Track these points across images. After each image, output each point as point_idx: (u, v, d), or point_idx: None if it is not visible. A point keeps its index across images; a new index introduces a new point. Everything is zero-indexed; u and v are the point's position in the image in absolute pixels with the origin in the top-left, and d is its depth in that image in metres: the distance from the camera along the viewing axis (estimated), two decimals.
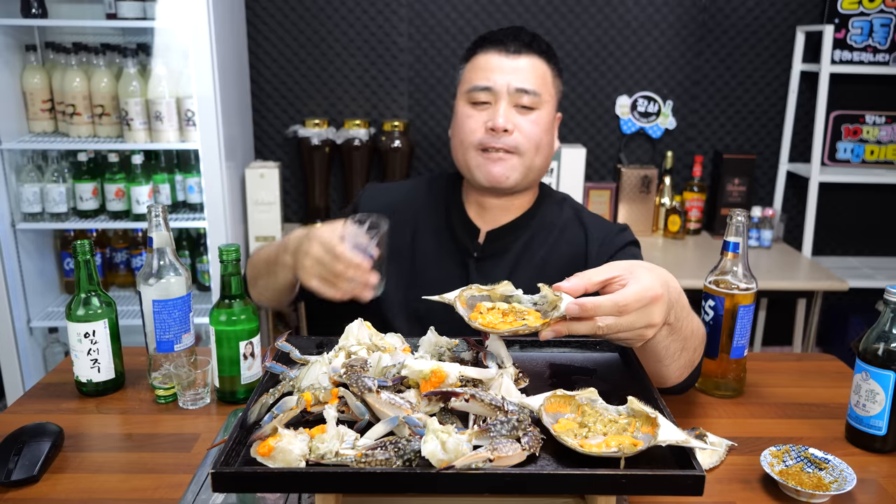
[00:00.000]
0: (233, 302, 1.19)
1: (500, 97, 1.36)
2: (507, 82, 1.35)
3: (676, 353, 1.07)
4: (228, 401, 1.23)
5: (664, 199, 3.06)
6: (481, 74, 1.37)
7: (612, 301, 0.89)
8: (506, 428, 0.79)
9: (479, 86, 1.37)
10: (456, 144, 1.42)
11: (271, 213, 2.74)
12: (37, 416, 1.17)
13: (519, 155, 1.37)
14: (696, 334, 1.11)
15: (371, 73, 3.02)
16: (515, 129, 1.35)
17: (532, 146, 1.37)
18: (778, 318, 3.25)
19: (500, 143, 1.35)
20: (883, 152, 3.12)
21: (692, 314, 1.09)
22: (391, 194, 1.54)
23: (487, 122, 1.36)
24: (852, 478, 0.99)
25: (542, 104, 1.38)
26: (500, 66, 1.37)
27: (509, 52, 1.37)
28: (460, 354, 1.01)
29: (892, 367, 1.07)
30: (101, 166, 2.65)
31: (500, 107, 1.35)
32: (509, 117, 1.35)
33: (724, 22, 3.02)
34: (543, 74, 1.39)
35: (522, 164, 1.38)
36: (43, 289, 2.78)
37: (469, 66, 1.42)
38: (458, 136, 1.41)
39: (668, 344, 1.04)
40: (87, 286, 1.22)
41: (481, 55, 1.40)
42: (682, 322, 1.03)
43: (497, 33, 1.40)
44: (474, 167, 1.39)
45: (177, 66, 2.56)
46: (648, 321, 0.92)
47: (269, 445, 0.78)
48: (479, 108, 1.38)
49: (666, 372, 1.10)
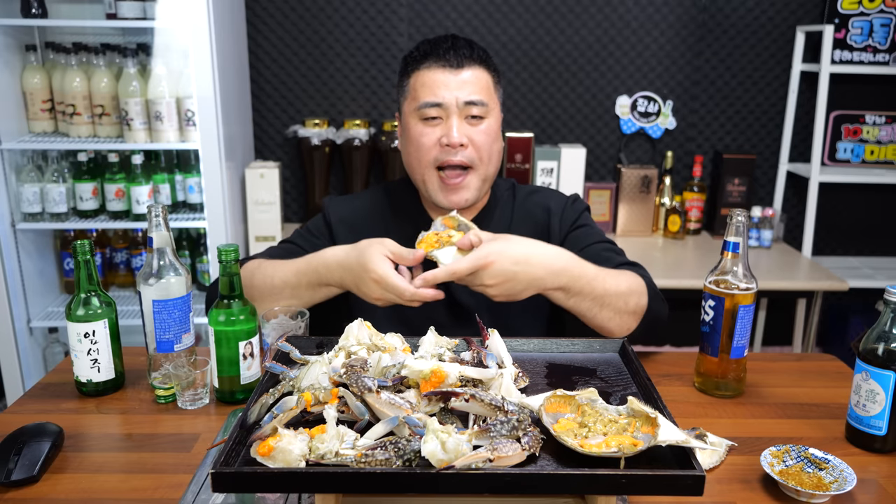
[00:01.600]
0: (232, 302, 1.19)
1: (450, 112, 1.39)
2: (455, 97, 1.38)
3: (594, 310, 1.29)
4: (228, 401, 1.22)
5: (664, 199, 3.06)
6: (428, 91, 1.39)
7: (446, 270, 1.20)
8: (506, 428, 0.79)
9: (429, 102, 1.39)
10: (412, 162, 1.45)
11: (271, 213, 2.74)
12: (37, 416, 1.17)
13: (474, 169, 1.41)
14: (614, 293, 1.29)
15: (371, 73, 3.02)
16: (469, 142, 1.39)
17: (485, 157, 1.42)
18: (778, 318, 3.25)
19: (456, 158, 1.39)
20: (883, 152, 3.12)
21: (599, 275, 1.29)
22: (355, 205, 1.57)
23: (442, 138, 1.39)
24: (852, 478, 0.99)
25: (490, 112, 1.42)
26: (445, 81, 1.39)
27: (452, 67, 1.39)
28: (460, 354, 1.01)
29: (892, 367, 1.07)
30: (101, 166, 2.65)
31: (452, 122, 1.39)
32: (462, 131, 1.39)
33: (724, 22, 3.02)
34: (487, 83, 1.42)
35: (478, 178, 1.43)
36: (43, 289, 2.78)
37: (412, 81, 1.43)
38: (413, 153, 1.44)
39: (575, 303, 1.28)
40: (87, 286, 1.22)
41: (424, 71, 1.41)
42: (581, 286, 1.26)
43: (435, 47, 1.42)
44: (433, 190, 1.44)
45: (177, 66, 2.56)
46: (481, 282, 1.20)
47: (269, 445, 0.78)
48: (430, 123, 1.40)
49: (597, 323, 1.31)
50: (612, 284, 1.30)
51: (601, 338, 1.13)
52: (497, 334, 1.03)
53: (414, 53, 1.45)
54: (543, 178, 2.93)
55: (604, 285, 1.28)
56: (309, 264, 1.34)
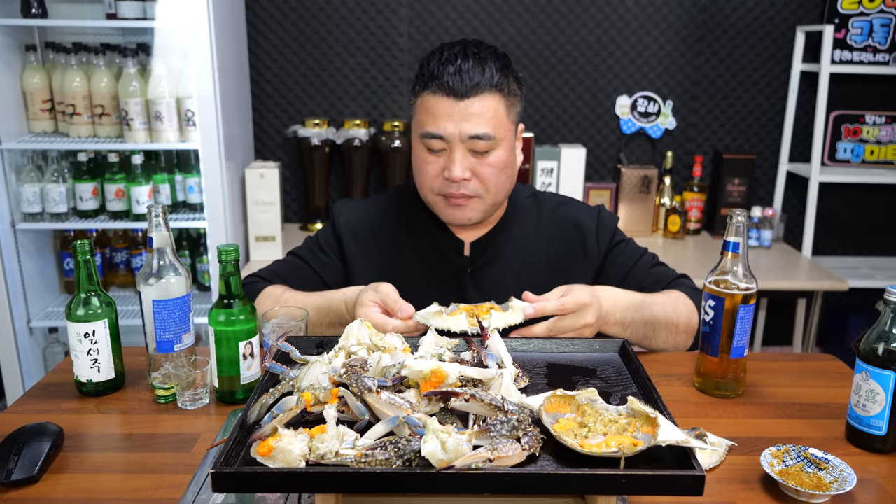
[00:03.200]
0: (232, 302, 1.19)
1: (454, 146, 1.32)
2: (458, 131, 1.30)
3: (649, 335, 1.37)
4: (227, 401, 1.22)
5: (664, 199, 3.06)
6: (431, 121, 1.31)
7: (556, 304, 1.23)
8: (506, 428, 0.79)
9: (431, 132, 1.32)
10: (418, 183, 1.41)
11: (271, 213, 2.73)
12: (37, 416, 1.17)
13: (479, 198, 1.36)
14: (664, 316, 1.36)
15: (371, 73, 3.02)
16: (473, 175, 1.33)
17: (492, 188, 1.36)
18: (778, 318, 3.25)
19: (458, 191, 1.34)
20: (883, 152, 3.12)
21: (647, 302, 1.35)
22: (367, 212, 1.52)
23: (444, 171, 1.34)
24: (852, 478, 0.99)
25: (499, 143, 1.33)
26: (448, 112, 1.30)
27: (457, 97, 1.29)
28: (460, 354, 1.01)
29: (893, 367, 1.07)
30: (101, 166, 2.65)
31: (455, 156, 1.32)
32: (465, 165, 1.32)
33: (724, 22, 3.02)
34: (496, 113, 1.32)
35: (484, 204, 1.38)
36: (43, 289, 2.78)
37: (419, 105, 1.35)
38: (418, 177, 1.40)
39: (631, 332, 1.35)
40: (87, 286, 1.22)
41: (430, 96, 1.32)
42: (634, 315, 1.33)
43: (443, 68, 1.30)
44: (437, 210, 1.41)
45: (177, 66, 2.56)
46: (584, 322, 1.25)
47: (269, 445, 0.78)
48: (434, 153, 1.35)
49: (654, 347, 1.41)
50: (660, 308, 1.36)
51: (601, 338, 1.14)
52: (497, 334, 1.03)
53: (424, 69, 1.34)
54: (543, 178, 2.93)
55: (652, 311, 1.35)
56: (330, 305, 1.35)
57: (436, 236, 1.46)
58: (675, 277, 1.48)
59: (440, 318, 1.18)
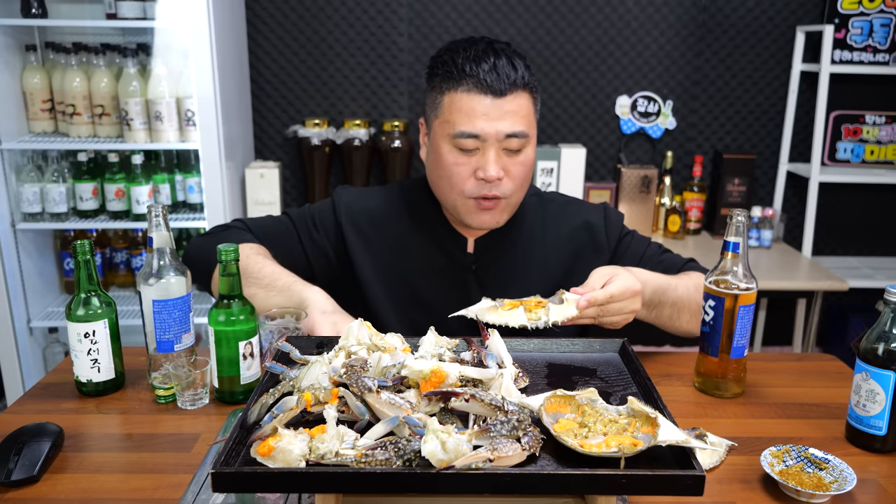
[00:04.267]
0: (231, 302, 1.19)
1: (489, 145, 1.29)
2: (496, 130, 1.28)
3: (674, 316, 1.37)
4: (227, 401, 1.22)
5: (664, 199, 3.06)
6: (466, 120, 1.28)
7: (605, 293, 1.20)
8: (506, 428, 0.79)
9: (466, 132, 1.28)
10: (441, 186, 1.36)
11: (271, 213, 2.73)
12: (37, 416, 1.17)
13: (506, 199, 1.35)
14: (687, 296, 1.37)
15: (371, 73, 3.02)
16: (506, 174, 1.32)
17: (519, 188, 1.36)
18: (778, 318, 3.25)
19: (491, 192, 1.32)
20: (883, 152, 3.12)
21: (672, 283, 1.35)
22: (370, 201, 1.49)
23: (478, 171, 1.30)
24: (852, 478, 0.99)
25: (529, 142, 1.33)
26: (485, 111, 1.27)
27: (494, 95, 1.27)
28: (460, 354, 1.01)
29: (893, 367, 1.07)
30: (101, 166, 2.65)
31: (489, 156, 1.29)
32: (500, 164, 1.30)
33: (724, 22, 3.02)
34: (529, 111, 1.32)
35: (510, 205, 1.37)
36: (43, 289, 2.78)
37: (447, 102, 1.31)
38: (444, 179, 1.34)
39: (657, 314, 1.35)
40: (87, 286, 1.22)
41: (463, 95, 1.28)
42: (659, 297, 1.32)
43: (476, 66, 1.28)
44: (464, 214, 1.36)
45: (177, 66, 2.56)
46: (632, 308, 1.24)
47: (269, 445, 0.78)
48: (465, 153, 1.31)
49: (677, 328, 1.40)
50: (684, 290, 1.36)
51: (601, 338, 1.13)
52: (497, 334, 1.03)
53: (450, 67, 1.30)
54: (543, 178, 2.93)
55: (677, 292, 1.35)
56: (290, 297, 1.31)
57: (438, 231, 1.45)
58: (685, 262, 1.49)
59: (495, 313, 1.15)
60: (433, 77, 1.34)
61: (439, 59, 1.33)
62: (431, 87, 1.35)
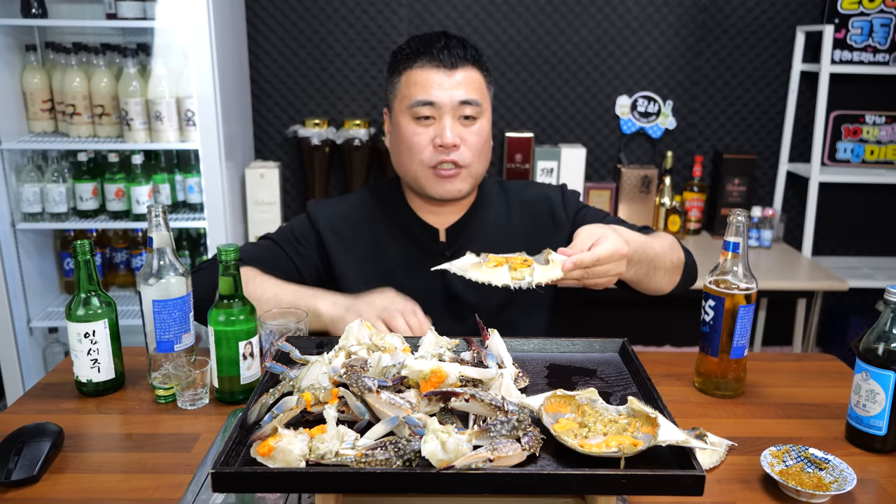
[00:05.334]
0: (232, 302, 1.19)
1: (444, 112, 1.39)
2: (449, 95, 1.38)
3: (650, 273, 1.36)
4: (227, 401, 1.22)
5: (664, 199, 3.06)
6: (421, 90, 1.39)
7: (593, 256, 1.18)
8: (506, 428, 0.79)
9: (422, 100, 1.38)
10: (403, 160, 1.44)
11: (271, 213, 2.74)
12: (37, 416, 1.17)
13: (467, 167, 1.42)
14: (662, 254, 1.37)
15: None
16: (462, 142, 1.40)
17: (478, 157, 1.43)
18: (778, 318, 3.25)
19: (449, 157, 1.39)
20: (883, 152, 3.12)
21: (649, 241, 1.35)
22: (343, 209, 1.55)
23: (435, 138, 1.39)
24: (852, 478, 0.99)
25: (483, 113, 1.42)
26: (439, 81, 1.38)
27: (446, 67, 1.39)
28: (460, 354, 1.01)
29: (893, 367, 1.07)
30: (101, 166, 2.65)
31: (445, 122, 1.39)
32: (456, 132, 1.39)
33: (724, 22, 3.02)
34: (480, 84, 1.43)
35: (470, 175, 1.44)
36: (43, 289, 2.78)
37: (404, 80, 1.42)
38: (405, 152, 1.43)
39: (636, 271, 1.33)
40: (87, 286, 1.22)
41: (417, 70, 1.40)
42: (640, 255, 1.30)
43: (428, 46, 1.40)
44: (425, 184, 1.43)
45: (177, 66, 2.56)
46: (618, 271, 1.22)
47: (269, 445, 0.78)
48: (423, 123, 1.40)
49: (652, 286, 1.40)
50: (660, 247, 1.38)
51: (601, 338, 1.13)
52: (497, 334, 1.03)
53: (405, 51, 1.43)
54: (543, 179, 2.93)
55: (654, 249, 1.36)
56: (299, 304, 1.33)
57: (410, 225, 1.51)
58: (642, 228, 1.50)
59: (479, 270, 1.12)
60: (393, 65, 1.46)
61: (398, 48, 1.46)
62: (391, 73, 1.46)
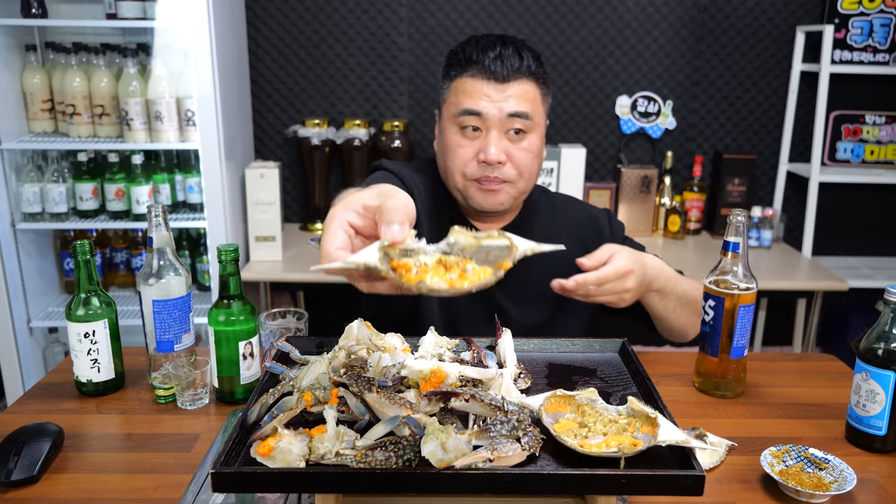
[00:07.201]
0: (231, 302, 1.19)
1: (491, 125, 1.31)
2: (497, 108, 1.31)
3: (678, 310, 1.37)
4: (227, 401, 1.22)
5: (664, 199, 3.06)
6: (468, 98, 1.32)
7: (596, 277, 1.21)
8: (506, 428, 0.79)
9: (469, 109, 1.31)
10: (447, 169, 1.38)
11: (271, 213, 2.73)
12: (37, 416, 1.17)
13: (511, 183, 1.35)
14: (690, 292, 1.38)
15: (371, 73, 3.02)
16: (508, 159, 1.33)
17: (525, 174, 1.36)
18: (778, 318, 3.25)
19: (493, 174, 1.33)
20: (883, 152, 3.12)
21: (676, 275, 1.37)
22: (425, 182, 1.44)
23: (479, 153, 1.32)
24: (852, 478, 0.99)
25: (534, 128, 1.34)
26: (488, 92, 1.31)
27: (498, 80, 1.31)
28: (460, 354, 1.01)
29: (893, 367, 1.07)
30: (101, 166, 2.65)
31: (491, 137, 1.31)
32: (501, 147, 1.32)
33: (724, 22, 3.02)
34: (534, 98, 1.34)
35: (516, 190, 1.37)
36: (43, 289, 2.78)
37: (454, 87, 1.35)
38: (448, 162, 1.37)
39: (665, 304, 1.35)
40: (87, 286, 1.22)
41: (468, 79, 1.33)
42: (670, 287, 1.33)
43: (482, 54, 1.32)
44: (467, 195, 1.37)
45: (177, 66, 2.56)
46: (624, 287, 1.24)
47: (269, 445, 0.78)
48: (468, 135, 1.33)
49: (678, 324, 1.39)
50: (689, 287, 1.39)
51: (601, 338, 1.13)
52: (509, 334, 1.03)
53: (459, 55, 1.35)
54: (543, 178, 2.93)
55: (684, 287, 1.37)
56: None
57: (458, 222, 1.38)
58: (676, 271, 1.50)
59: None
60: (446, 68, 1.38)
61: (453, 50, 1.38)
62: (443, 76, 1.39)
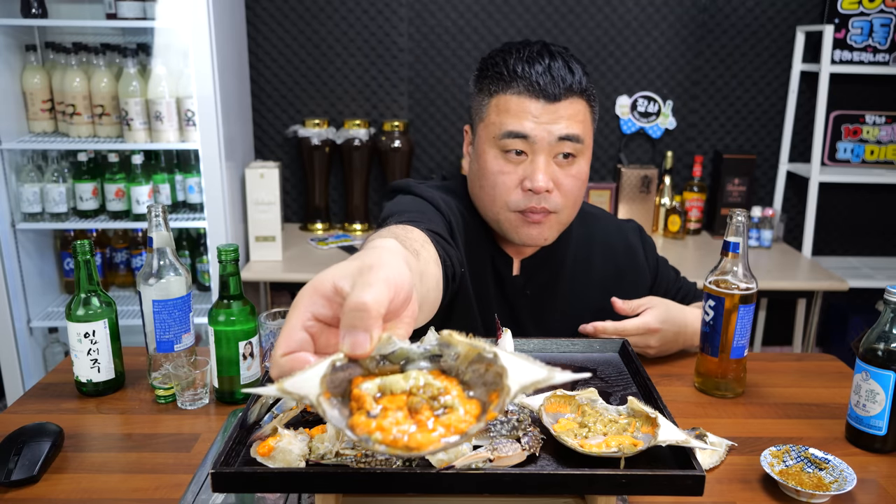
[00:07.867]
0: (231, 302, 1.19)
1: (538, 149, 1.17)
2: (547, 131, 1.16)
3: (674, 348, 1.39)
4: (227, 401, 1.22)
5: (664, 199, 3.06)
6: (514, 118, 1.17)
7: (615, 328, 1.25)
8: (506, 428, 0.79)
9: (514, 132, 1.17)
10: (484, 197, 1.23)
11: (271, 213, 2.73)
12: (37, 416, 1.17)
13: (556, 213, 1.23)
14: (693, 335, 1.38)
15: (371, 73, 3.02)
16: (556, 187, 1.20)
17: (570, 205, 1.24)
18: (778, 318, 3.25)
19: (539, 204, 1.20)
20: (883, 152, 3.12)
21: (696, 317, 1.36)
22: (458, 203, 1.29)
23: (525, 180, 1.19)
24: (852, 478, 0.99)
25: (584, 151, 1.22)
26: (536, 114, 1.16)
27: (548, 99, 1.16)
28: None
29: (893, 367, 1.07)
30: (101, 166, 2.65)
31: (538, 162, 1.18)
32: (549, 174, 1.18)
33: (724, 22, 3.02)
34: (585, 118, 1.21)
35: (559, 222, 1.25)
36: (43, 289, 2.78)
37: (494, 105, 1.19)
38: (487, 190, 1.22)
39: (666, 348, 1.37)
40: (87, 286, 1.22)
41: (512, 97, 1.17)
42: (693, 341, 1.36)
43: (528, 68, 1.17)
44: (508, 228, 1.24)
45: (177, 66, 2.56)
46: (646, 344, 1.30)
47: (269, 445, 0.78)
48: (512, 159, 1.19)
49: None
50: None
51: (601, 338, 1.13)
52: (509, 334, 1.03)
53: (500, 68, 1.19)
54: None
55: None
56: None
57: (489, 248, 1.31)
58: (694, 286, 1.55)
59: None
60: (482, 79, 1.23)
61: (490, 60, 1.23)
62: (479, 89, 1.24)
